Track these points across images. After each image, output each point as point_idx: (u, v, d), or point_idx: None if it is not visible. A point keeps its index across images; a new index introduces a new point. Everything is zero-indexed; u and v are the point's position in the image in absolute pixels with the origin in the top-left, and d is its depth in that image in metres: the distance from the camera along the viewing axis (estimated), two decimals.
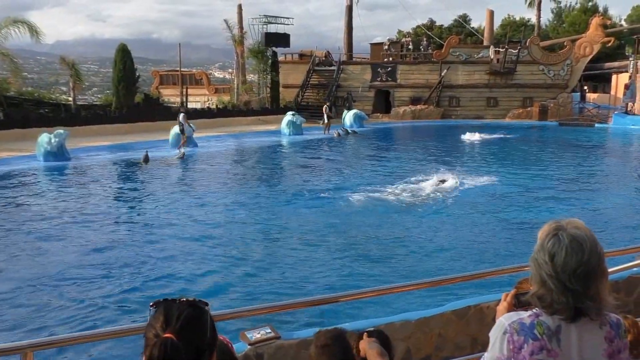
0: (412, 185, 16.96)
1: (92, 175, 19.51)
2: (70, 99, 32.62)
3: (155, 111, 33.03)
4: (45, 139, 21.45)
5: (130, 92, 32.27)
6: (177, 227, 12.45)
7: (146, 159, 21.23)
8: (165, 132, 26.78)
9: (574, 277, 1.85)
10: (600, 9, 64.82)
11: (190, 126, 25.25)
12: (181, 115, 24.93)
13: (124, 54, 32.21)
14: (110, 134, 28.63)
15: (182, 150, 23.59)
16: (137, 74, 33.87)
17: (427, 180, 17.30)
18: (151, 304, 1.76)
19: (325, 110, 32.84)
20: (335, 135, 31.17)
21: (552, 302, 1.90)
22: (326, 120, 32.51)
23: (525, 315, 1.97)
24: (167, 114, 32.92)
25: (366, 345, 2.58)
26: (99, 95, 51.45)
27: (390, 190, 16.39)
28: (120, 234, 12.08)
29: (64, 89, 44.38)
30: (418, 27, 62.53)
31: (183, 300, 1.75)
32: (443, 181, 16.95)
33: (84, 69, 46.40)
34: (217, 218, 13.38)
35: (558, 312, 1.90)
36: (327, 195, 15.84)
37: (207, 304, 1.79)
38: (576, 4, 68.67)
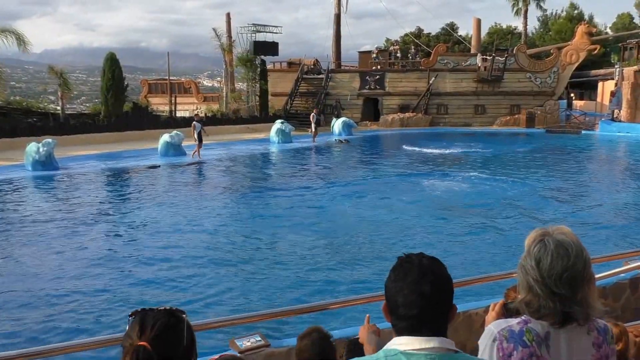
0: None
1: (80, 184, 19.41)
2: (59, 108, 32.45)
3: (144, 120, 32.94)
4: (34, 148, 21.32)
5: (118, 100, 32.14)
6: (165, 236, 12.43)
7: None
8: (155, 140, 26.70)
9: (560, 281, 1.87)
10: (586, 17, 65.54)
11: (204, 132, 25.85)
12: (196, 124, 25.25)
13: (112, 62, 32.10)
14: (98, 143, 28.54)
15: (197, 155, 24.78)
16: (126, 83, 33.74)
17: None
18: (130, 313, 1.78)
19: (313, 118, 32.69)
20: (336, 142, 31.33)
21: (539, 307, 1.91)
22: (313, 129, 32.37)
23: (514, 322, 1.97)
24: (156, 122, 32.87)
25: (366, 336, 2.47)
26: (87, 104, 51.33)
27: (378, 197, 16.43)
28: (107, 243, 12.04)
29: (52, 98, 44.23)
30: (406, 35, 62.87)
31: (160, 309, 1.78)
32: None
33: (73, 78, 46.15)
34: (206, 226, 13.36)
35: (546, 317, 1.92)
36: (315, 203, 15.87)
37: (184, 313, 1.80)
38: (562, 12, 69.41)
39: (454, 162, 24.55)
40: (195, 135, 25.10)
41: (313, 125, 32.30)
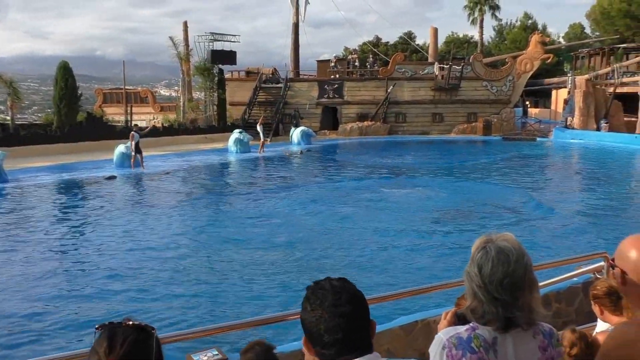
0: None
1: (31, 197, 18.83)
2: (9, 118, 31.59)
3: (99, 130, 32.22)
4: None
5: (72, 110, 31.40)
6: (116, 249, 12.11)
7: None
8: (110, 151, 26.16)
9: (501, 287, 1.91)
10: (540, 26, 67.02)
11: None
12: (135, 135, 24.85)
13: (65, 71, 31.39)
14: (51, 154, 27.76)
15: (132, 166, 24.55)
16: (80, 92, 33.04)
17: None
18: (96, 326, 1.68)
19: (259, 128, 32.25)
20: (294, 152, 31.22)
21: (483, 313, 1.96)
22: (262, 138, 31.86)
23: (462, 329, 2.00)
24: (111, 133, 32.21)
25: None
26: (39, 114, 50.06)
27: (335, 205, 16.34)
28: (59, 256, 11.67)
29: (2, 107, 43.09)
30: (364, 44, 63.26)
31: (129, 324, 1.67)
32: None
33: (24, 87, 45.09)
34: (158, 239, 13.07)
35: (490, 323, 1.96)
36: (272, 213, 15.72)
37: (153, 329, 1.71)
38: (517, 21, 70.94)
39: (411, 170, 24.64)
40: (133, 146, 24.65)
41: (261, 135, 31.85)
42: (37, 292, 9.52)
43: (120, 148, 25.37)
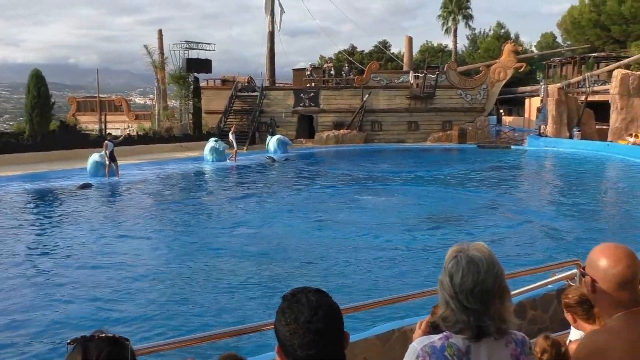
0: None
1: (0, 206, 18.52)
2: None
3: (72, 139, 31.83)
4: None
5: (44, 119, 30.98)
6: (91, 259, 11.96)
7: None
8: (83, 160, 25.86)
9: (471, 296, 1.93)
10: (512, 36, 67.85)
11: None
12: (108, 144, 24.64)
13: (38, 79, 30.98)
14: (23, 163, 27.28)
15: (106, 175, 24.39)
16: (53, 101, 32.62)
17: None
18: (68, 341, 1.63)
19: (232, 136, 32.01)
20: (268, 161, 31.05)
21: (455, 322, 1.97)
22: (235, 147, 31.64)
23: (436, 338, 2.01)
24: (84, 141, 31.83)
25: None
26: (11, 123, 49.48)
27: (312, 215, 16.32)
28: (28, 268, 11.46)
29: None
30: (340, 52, 63.45)
31: (102, 337, 1.63)
32: None
33: None
34: (135, 248, 12.93)
35: (461, 332, 1.97)
36: (249, 222, 15.65)
37: (127, 340, 1.67)
38: (490, 30, 71.66)
39: (388, 178, 24.72)
40: (107, 155, 24.43)
41: (234, 144, 31.67)
42: (3, 305, 9.34)
43: (94, 157, 25.11)
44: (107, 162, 24.51)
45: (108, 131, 33.22)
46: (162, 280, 10.66)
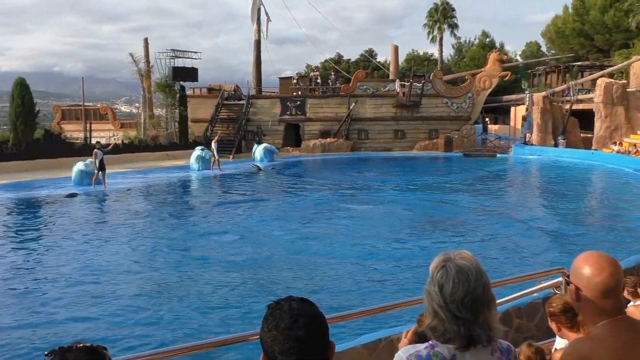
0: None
1: None
2: None
3: (57, 148, 31.60)
4: None
5: (29, 127, 30.80)
6: (74, 268, 11.85)
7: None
8: (68, 169, 25.67)
9: (462, 306, 1.92)
10: (497, 44, 68.37)
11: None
12: (98, 152, 24.38)
13: (22, 88, 30.81)
14: (7, 172, 27.02)
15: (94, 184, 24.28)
16: (37, 109, 32.45)
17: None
18: (46, 353, 1.62)
19: (214, 145, 31.54)
20: (254, 169, 30.91)
21: (444, 332, 1.96)
22: (216, 156, 31.22)
23: (421, 347, 2.00)
24: (69, 150, 31.63)
25: None
26: None
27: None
28: (10, 279, 11.31)
29: None
30: (326, 61, 63.63)
31: (80, 347, 1.62)
32: None
33: None
34: (119, 258, 12.81)
35: (450, 341, 1.96)
36: (234, 231, 15.59)
37: (105, 349, 1.67)
38: (475, 39, 72.18)
39: (374, 186, 24.74)
40: (97, 164, 24.28)
41: (215, 153, 31.39)
42: None
43: (79, 166, 24.92)
44: (96, 171, 24.33)
45: (96, 140, 32.99)
46: (145, 290, 10.58)
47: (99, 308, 9.49)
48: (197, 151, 31.65)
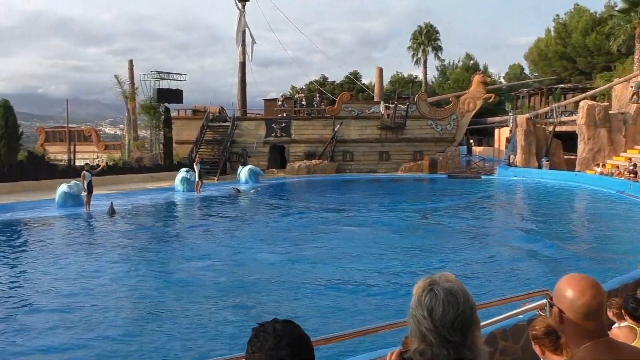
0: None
1: None
2: None
3: (40, 169, 31.34)
4: None
5: (12, 149, 30.54)
6: (53, 293, 11.65)
7: (111, 211, 22.63)
8: (51, 191, 25.44)
9: (452, 328, 1.90)
10: (481, 67, 69.09)
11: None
12: (86, 174, 24.33)
13: (6, 109, 30.60)
14: None
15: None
16: (21, 131, 32.24)
17: None
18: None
19: (196, 167, 31.38)
20: (233, 192, 30.62)
21: (433, 355, 1.93)
22: (197, 178, 31.03)
23: None
24: (52, 172, 31.37)
25: None
26: None
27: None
28: None
29: None
30: (311, 83, 63.94)
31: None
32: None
33: None
34: (100, 282, 12.63)
35: None
36: (220, 254, 15.48)
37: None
38: (459, 62, 72.89)
39: (359, 208, 24.71)
40: (85, 186, 24.13)
41: (197, 174, 31.06)
42: None
43: (63, 188, 24.71)
44: (86, 194, 24.17)
45: (85, 162, 32.79)
46: (129, 313, 10.43)
47: (73, 336, 9.29)
48: (182, 173, 31.50)
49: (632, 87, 36.52)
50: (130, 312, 10.56)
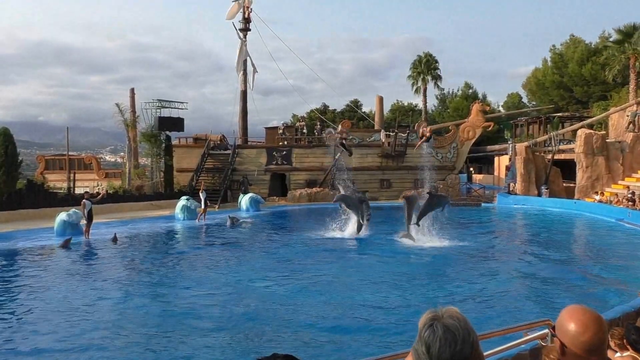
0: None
1: None
2: None
3: (40, 198, 31.39)
4: None
5: (11, 178, 30.61)
6: (51, 323, 11.61)
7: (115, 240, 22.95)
8: (50, 220, 25.45)
9: None
10: (480, 95, 69.59)
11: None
12: (86, 202, 24.34)
13: (5, 137, 30.76)
14: None
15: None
16: (20, 159, 32.35)
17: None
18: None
19: (201, 195, 31.48)
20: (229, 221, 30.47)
21: None
22: (203, 206, 31.11)
23: None
24: (52, 200, 31.42)
25: None
26: None
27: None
28: None
29: None
30: (312, 111, 64.27)
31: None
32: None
33: None
34: (98, 312, 12.60)
35: None
36: (218, 283, 15.45)
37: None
38: (458, 90, 73.42)
39: (361, 236, 24.71)
40: (85, 214, 24.15)
41: (202, 202, 31.08)
42: None
43: (62, 216, 24.71)
44: (86, 222, 24.18)
45: (84, 190, 32.77)
46: (125, 343, 10.38)
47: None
48: (182, 201, 31.53)
49: (628, 116, 36.87)
50: (122, 342, 10.49)
